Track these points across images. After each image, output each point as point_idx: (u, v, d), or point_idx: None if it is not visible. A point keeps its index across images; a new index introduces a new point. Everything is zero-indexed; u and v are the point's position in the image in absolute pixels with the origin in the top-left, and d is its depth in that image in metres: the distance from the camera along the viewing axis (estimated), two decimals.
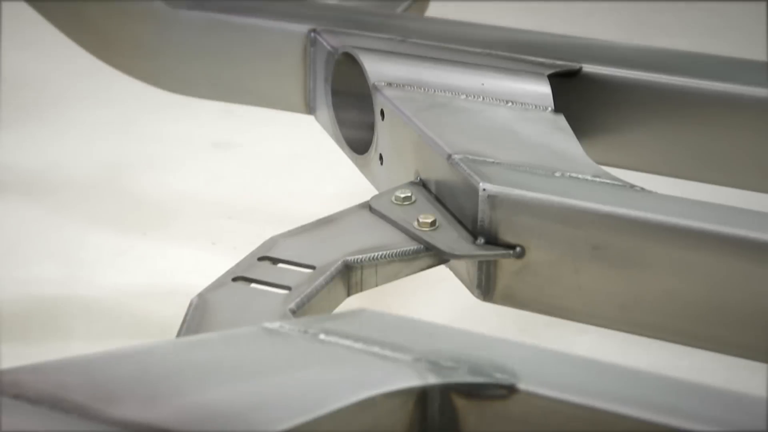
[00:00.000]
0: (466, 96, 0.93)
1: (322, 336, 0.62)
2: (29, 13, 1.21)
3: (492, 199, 0.78)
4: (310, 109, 1.06)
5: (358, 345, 0.61)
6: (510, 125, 0.89)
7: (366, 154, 0.97)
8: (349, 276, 0.78)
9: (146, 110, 1.56)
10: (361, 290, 0.79)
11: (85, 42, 1.18)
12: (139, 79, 1.16)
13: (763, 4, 1.97)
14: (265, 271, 0.77)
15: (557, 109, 0.92)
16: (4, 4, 1.37)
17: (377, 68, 0.96)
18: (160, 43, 1.11)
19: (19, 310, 1.15)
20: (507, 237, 0.78)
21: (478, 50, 0.98)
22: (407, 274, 0.81)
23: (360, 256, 0.78)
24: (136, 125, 1.56)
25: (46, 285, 1.19)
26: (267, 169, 1.44)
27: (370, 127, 0.96)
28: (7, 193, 1.37)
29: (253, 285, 0.76)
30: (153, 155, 1.47)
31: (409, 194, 0.84)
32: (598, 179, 0.80)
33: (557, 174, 0.81)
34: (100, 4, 1.13)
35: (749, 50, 1.24)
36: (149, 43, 1.12)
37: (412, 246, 0.80)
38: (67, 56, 1.34)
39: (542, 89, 0.93)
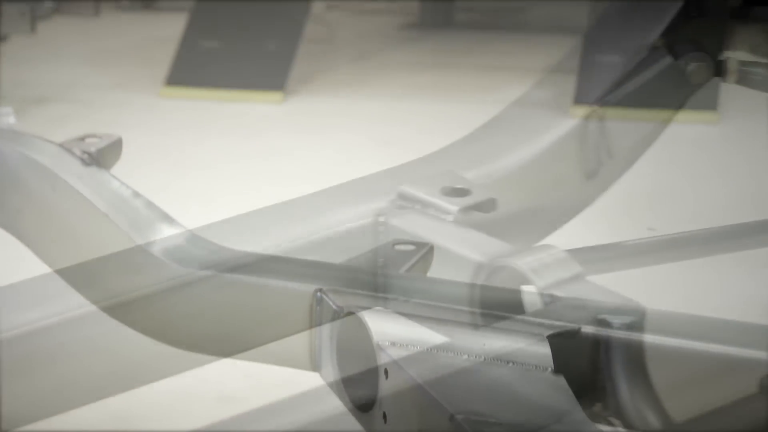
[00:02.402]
0: (468, 356, 0.95)
1: None
2: (40, 265, 1.24)
3: None
4: (315, 366, 1.08)
5: None
6: (511, 385, 0.90)
7: (370, 413, 0.98)
8: None
9: (152, 363, 1.57)
10: None
11: (92, 296, 1.20)
12: (147, 335, 1.17)
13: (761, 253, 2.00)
14: None
15: (557, 369, 0.93)
16: (10, 258, 1.40)
17: (381, 327, 0.98)
18: (169, 302, 1.13)
19: None
20: None
21: (480, 311, 1.00)
22: None
23: None
24: (142, 377, 1.56)
25: None
26: (271, 426, 1.43)
27: (374, 386, 0.97)
28: None
29: None
30: (159, 408, 1.47)
31: None
32: None
33: None
34: (113, 262, 1.16)
35: (746, 312, 1.26)
36: (159, 301, 1.14)
37: None
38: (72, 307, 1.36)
39: (542, 350, 0.94)
